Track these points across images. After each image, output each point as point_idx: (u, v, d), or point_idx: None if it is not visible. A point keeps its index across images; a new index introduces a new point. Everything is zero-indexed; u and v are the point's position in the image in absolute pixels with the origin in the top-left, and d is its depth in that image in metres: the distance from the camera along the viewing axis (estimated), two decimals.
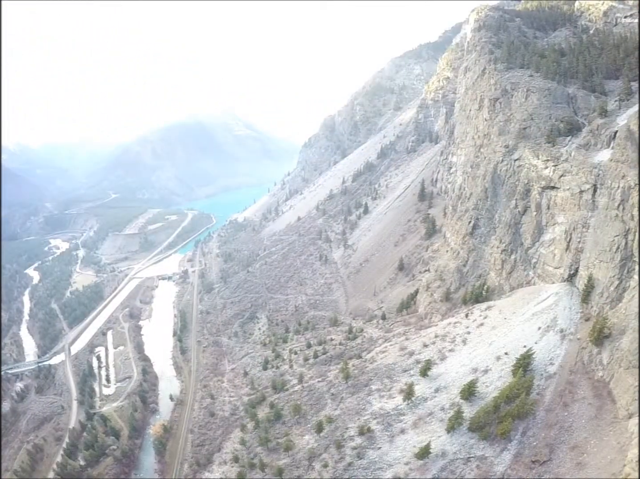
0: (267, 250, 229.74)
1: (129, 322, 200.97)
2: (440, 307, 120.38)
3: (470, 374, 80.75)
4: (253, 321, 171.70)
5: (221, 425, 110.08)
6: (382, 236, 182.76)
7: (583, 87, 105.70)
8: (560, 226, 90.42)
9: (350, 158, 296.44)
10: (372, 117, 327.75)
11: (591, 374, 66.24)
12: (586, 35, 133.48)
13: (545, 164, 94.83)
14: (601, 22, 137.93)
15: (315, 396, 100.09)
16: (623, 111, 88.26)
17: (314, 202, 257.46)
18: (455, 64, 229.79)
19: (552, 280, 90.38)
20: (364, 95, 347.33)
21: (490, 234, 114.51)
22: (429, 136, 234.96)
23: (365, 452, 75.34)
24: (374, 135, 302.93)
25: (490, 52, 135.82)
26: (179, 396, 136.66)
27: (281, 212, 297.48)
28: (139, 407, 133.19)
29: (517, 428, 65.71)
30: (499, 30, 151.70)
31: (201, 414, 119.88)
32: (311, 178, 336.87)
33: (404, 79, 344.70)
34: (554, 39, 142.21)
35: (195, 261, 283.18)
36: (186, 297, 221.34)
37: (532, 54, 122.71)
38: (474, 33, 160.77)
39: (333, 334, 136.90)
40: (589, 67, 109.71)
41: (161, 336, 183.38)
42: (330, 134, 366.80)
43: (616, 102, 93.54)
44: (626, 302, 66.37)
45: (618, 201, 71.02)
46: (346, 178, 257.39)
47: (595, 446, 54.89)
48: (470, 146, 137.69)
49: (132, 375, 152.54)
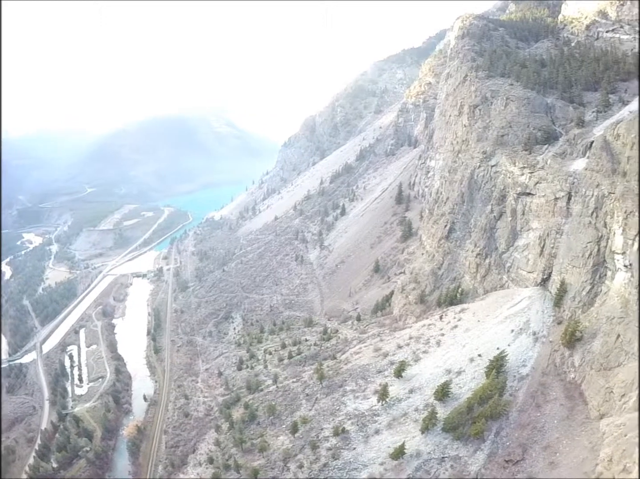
0: (243, 249, 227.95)
1: (102, 321, 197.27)
2: (414, 309, 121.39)
3: (444, 376, 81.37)
4: (228, 320, 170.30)
5: (195, 426, 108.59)
6: (359, 238, 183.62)
7: (562, 98, 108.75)
8: (534, 231, 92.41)
9: (329, 159, 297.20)
10: (352, 119, 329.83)
11: (563, 376, 67.75)
12: (567, 48, 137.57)
13: (521, 171, 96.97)
14: (583, 36, 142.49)
15: (290, 396, 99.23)
16: (600, 122, 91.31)
17: (292, 202, 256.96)
18: (437, 70, 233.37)
19: (525, 284, 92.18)
20: (345, 97, 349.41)
21: (466, 238, 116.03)
22: (408, 140, 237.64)
23: (340, 452, 74.81)
24: (354, 137, 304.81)
25: (473, 60, 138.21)
26: (153, 396, 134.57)
27: (258, 212, 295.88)
28: (112, 407, 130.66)
29: (491, 428, 66.40)
30: (482, 39, 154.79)
31: (175, 414, 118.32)
32: (290, 178, 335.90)
33: (386, 82, 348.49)
34: (536, 49, 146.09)
35: (171, 259, 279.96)
36: (161, 295, 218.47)
37: (514, 63, 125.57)
38: (458, 40, 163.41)
39: (308, 334, 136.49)
40: (568, 78, 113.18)
41: (135, 335, 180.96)
42: (310, 134, 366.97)
43: (593, 113, 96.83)
44: (598, 307, 68.39)
45: (592, 208, 73.09)
46: (324, 179, 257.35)
47: (567, 445, 56.15)
48: (449, 151, 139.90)
49: (105, 375, 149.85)
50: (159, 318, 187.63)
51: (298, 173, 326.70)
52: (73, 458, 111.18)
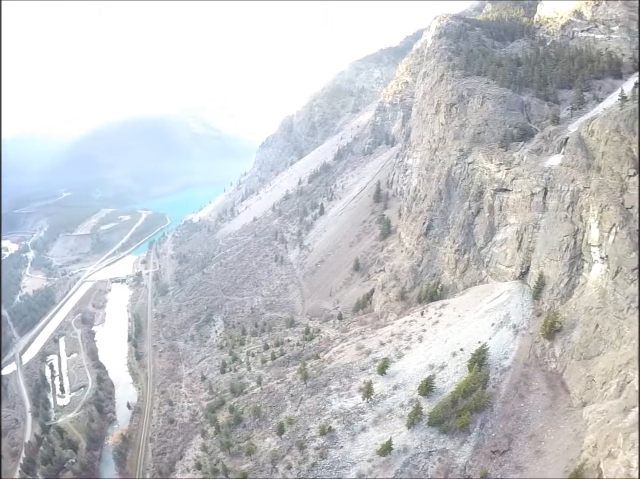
0: (222, 251, 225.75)
1: (81, 328, 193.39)
2: (395, 306, 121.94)
3: (427, 371, 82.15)
4: (209, 323, 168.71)
5: (181, 432, 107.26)
6: (338, 237, 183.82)
7: (537, 96, 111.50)
8: (512, 226, 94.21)
9: (307, 159, 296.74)
10: (330, 118, 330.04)
11: (544, 367, 69.41)
12: (543, 47, 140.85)
13: (498, 168, 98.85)
14: (558, 35, 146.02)
15: (275, 397, 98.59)
16: (574, 119, 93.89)
17: (270, 202, 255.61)
18: (414, 69, 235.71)
19: (504, 278, 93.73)
20: (323, 96, 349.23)
21: (444, 234, 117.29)
22: (385, 139, 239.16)
23: (328, 452, 74.73)
24: (332, 136, 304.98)
25: (449, 59, 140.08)
26: (137, 404, 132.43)
27: (237, 213, 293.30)
28: (95, 417, 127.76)
29: (476, 421, 67.51)
30: (459, 39, 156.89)
31: (160, 421, 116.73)
32: (268, 178, 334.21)
33: (363, 82, 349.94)
34: (512, 49, 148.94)
35: (150, 263, 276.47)
36: (140, 300, 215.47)
37: (490, 62, 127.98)
38: (435, 40, 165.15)
39: (290, 335, 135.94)
40: (543, 76, 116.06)
41: (115, 342, 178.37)
42: (288, 134, 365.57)
43: (568, 110, 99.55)
44: (576, 298, 70.32)
45: (567, 203, 75.14)
46: (302, 179, 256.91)
47: (552, 434, 57.57)
48: (426, 149, 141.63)
49: (87, 384, 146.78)
50: (139, 324, 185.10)
51: (276, 173, 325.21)
52: (59, 471, 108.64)
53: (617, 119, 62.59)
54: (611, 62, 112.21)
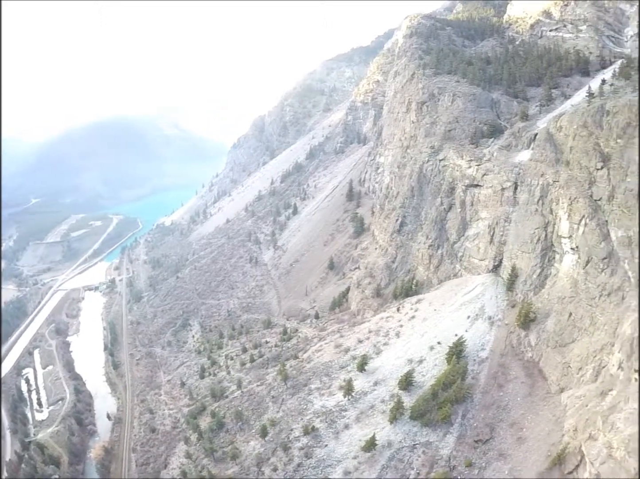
0: (196, 254, 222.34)
1: (56, 339, 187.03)
2: (371, 303, 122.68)
3: (406, 366, 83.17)
4: (186, 328, 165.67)
5: (164, 440, 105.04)
6: (312, 236, 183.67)
7: (506, 93, 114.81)
8: (483, 221, 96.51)
9: (279, 159, 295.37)
10: (301, 118, 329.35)
11: (521, 356, 71.47)
12: (512, 46, 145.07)
13: (469, 164, 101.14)
14: (527, 34, 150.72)
15: (256, 400, 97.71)
16: (543, 116, 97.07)
17: (243, 203, 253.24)
18: (385, 68, 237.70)
19: (478, 271, 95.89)
20: (294, 96, 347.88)
21: (417, 230, 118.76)
22: (357, 137, 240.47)
23: (313, 451, 74.65)
24: (303, 136, 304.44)
25: (420, 58, 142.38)
26: (117, 414, 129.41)
27: (209, 215, 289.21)
28: (75, 430, 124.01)
29: (457, 412, 68.87)
30: (430, 38, 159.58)
31: (142, 431, 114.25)
32: (240, 179, 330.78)
33: (334, 81, 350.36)
34: (482, 48, 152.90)
35: (123, 269, 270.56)
36: (115, 308, 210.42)
37: (460, 61, 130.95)
38: (406, 39, 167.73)
39: (268, 336, 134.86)
40: (513, 74, 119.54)
41: (91, 352, 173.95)
42: (260, 134, 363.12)
43: (537, 107, 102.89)
44: (548, 288, 72.76)
45: (537, 196, 77.68)
46: (275, 179, 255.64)
47: (532, 420, 59.37)
48: (397, 147, 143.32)
49: (65, 396, 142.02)
50: (115, 332, 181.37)
51: (248, 174, 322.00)
52: None
53: (584, 115, 65.20)
54: (579, 60, 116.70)
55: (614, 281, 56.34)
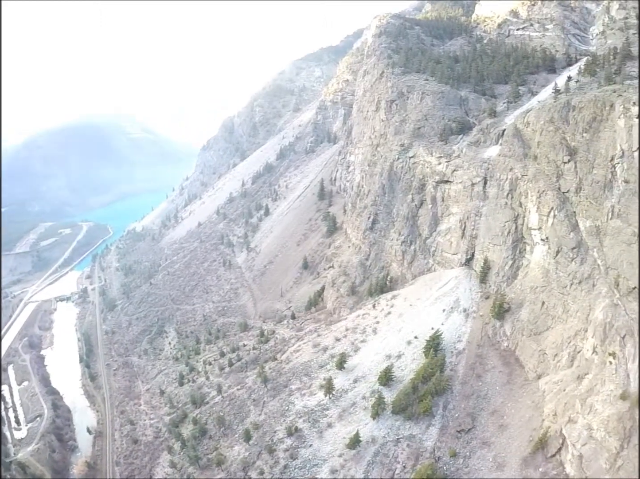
0: (168, 259, 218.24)
1: (29, 354, 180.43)
2: (347, 301, 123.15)
3: (385, 361, 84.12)
4: (162, 335, 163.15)
5: (147, 451, 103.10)
6: (285, 237, 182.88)
7: (475, 91, 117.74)
8: (454, 216, 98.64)
9: (250, 160, 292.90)
10: (271, 118, 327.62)
11: (497, 346, 73.48)
12: (480, 45, 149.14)
13: (438, 161, 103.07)
14: (495, 33, 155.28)
15: (237, 404, 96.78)
16: (511, 112, 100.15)
17: (214, 206, 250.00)
18: (354, 67, 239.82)
19: (451, 265, 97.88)
20: (263, 96, 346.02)
21: (390, 227, 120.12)
22: (327, 137, 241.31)
23: (298, 452, 74.52)
24: (273, 136, 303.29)
25: (389, 57, 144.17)
26: (97, 428, 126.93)
27: (181, 219, 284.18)
28: (56, 447, 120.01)
29: (438, 404, 70.04)
30: (399, 37, 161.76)
31: (124, 443, 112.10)
32: (210, 182, 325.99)
33: (304, 80, 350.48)
34: (450, 46, 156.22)
35: (94, 277, 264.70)
36: (88, 318, 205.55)
37: (429, 60, 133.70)
38: (375, 38, 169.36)
39: (245, 339, 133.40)
40: (480, 72, 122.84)
41: (67, 364, 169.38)
42: (229, 135, 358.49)
43: (504, 104, 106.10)
44: (521, 279, 75.16)
45: (507, 191, 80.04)
46: (246, 180, 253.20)
47: (512, 407, 61.18)
48: (368, 145, 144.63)
49: (43, 412, 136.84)
50: (90, 343, 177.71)
51: (219, 176, 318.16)
52: None
53: (551, 111, 67.72)
54: (545, 58, 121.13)
55: (584, 269, 58.86)
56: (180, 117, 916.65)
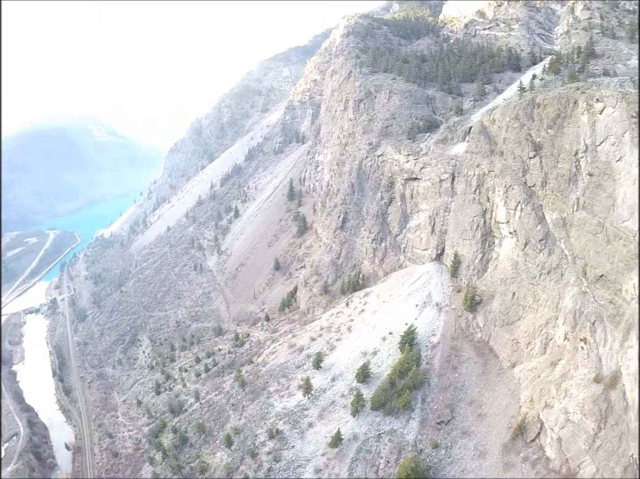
0: (138, 266, 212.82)
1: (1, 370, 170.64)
2: (320, 301, 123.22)
3: (361, 358, 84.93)
4: (135, 344, 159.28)
5: (128, 464, 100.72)
6: (255, 238, 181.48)
7: (441, 90, 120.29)
8: (424, 212, 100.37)
9: (218, 162, 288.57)
10: (239, 119, 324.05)
11: (471, 337, 75.50)
12: (447, 44, 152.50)
13: (407, 158, 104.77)
14: (462, 33, 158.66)
15: (216, 410, 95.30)
16: (477, 110, 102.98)
17: (183, 209, 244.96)
18: (322, 67, 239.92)
19: (421, 261, 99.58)
20: (231, 97, 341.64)
21: (360, 226, 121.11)
22: (295, 137, 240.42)
23: (281, 454, 74.15)
24: (242, 137, 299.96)
25: (357, 57, 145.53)
26: (76, 443, 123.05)
27: (150, 224, 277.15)
28: (35, 466, 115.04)
29: (416, 397, 71.34)
30: (367, 37, 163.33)
31: (104, 457, 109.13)
32: (179, 185, 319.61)
33: (272, 81, 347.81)
34: (417, 46, 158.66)
35: (63, 287, 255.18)
36: (59, 329, 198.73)
37: (396, 59, 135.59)
38: (343, 38, 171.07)
39: (220, 344, 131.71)
40: (447, 71, 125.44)
41: (40, 379, 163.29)
42: (197, 137, 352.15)
43: (471, 102, 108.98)
44: (491, 271, 77.54)
45: (474, 186, 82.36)
46: (214, 182, 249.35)
47: (489, 397, 63.09)
48: (336, 145, 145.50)
49: (19, 431, 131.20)
50: (62, 355, 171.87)
51: (187, 179, 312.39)
52: None
53: (516, 108, 70.23)
54: (511, 57, 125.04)
55: (552, 259, 61.41)
56: (146, 120, 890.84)
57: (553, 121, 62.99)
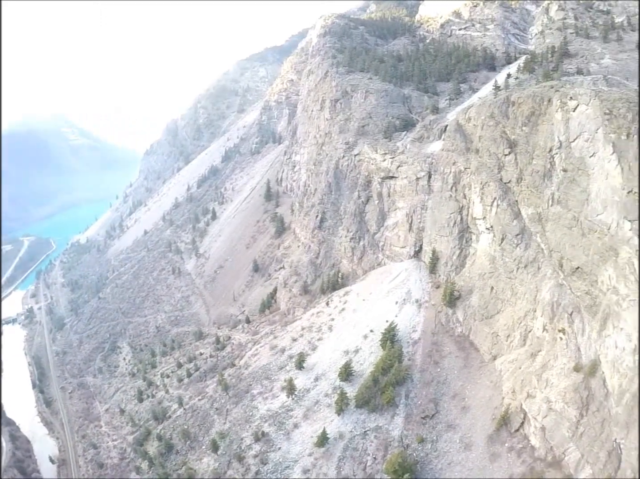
0: (116, 271, 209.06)
1: None
2: (300, 301, 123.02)
3: (344, 357, 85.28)
4: (115, 351, 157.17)
5: (114, 474, 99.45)
6: (233, 240, 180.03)
7: (417, 89, 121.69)
8: (401, 210, 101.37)
9: (194, 163, 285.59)
10: (215, 120, 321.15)
11: (451, 332, 76.76)
12: (423, 44, 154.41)
13: (383, 157, 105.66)
14: (438, 33, 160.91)
15: (200, 415, 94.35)
16: (452, 108, 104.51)
17: (160, 212, 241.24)
18: (299, 67, 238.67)
19: (400, 259, 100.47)
20: (207, 97, 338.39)
21: (338, 225, 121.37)
22: (272, 137, 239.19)
23: (268, 456, 73.81)
24: (218, 138, 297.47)
25: (333, 57, 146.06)
26: (60, 456, 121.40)
27: (126, 228, 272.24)
28: None
29: (400, 393, 72.01)
30: (343, 37, 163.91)
31: (89, 468, 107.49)
32: (155, 187, 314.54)
33: (248, 81, 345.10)
34: (394, 46, 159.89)
35: (40, 296, 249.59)
36: (37, 339, 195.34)
37: (372, 59, 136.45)
38: (320, 38, 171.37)
39: (201, 348, 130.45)
40: (423, 71, 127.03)
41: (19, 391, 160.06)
42: (173, 139, 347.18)
43: (447, 101, 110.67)
44: (469, 267, 79.09)
45: (451, 184, 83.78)
46: (191, 184, 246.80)
47: (472, 389, 64.38)
48: (313, 145, 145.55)
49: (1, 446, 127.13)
50: (41, 366, 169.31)
51: (163, 181, 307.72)
52: None
53: (491, 107, 71.77)
54: (486, 57, 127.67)
55: (529, 254, 63.14)
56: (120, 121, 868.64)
57: (527, 119, 64.64)
